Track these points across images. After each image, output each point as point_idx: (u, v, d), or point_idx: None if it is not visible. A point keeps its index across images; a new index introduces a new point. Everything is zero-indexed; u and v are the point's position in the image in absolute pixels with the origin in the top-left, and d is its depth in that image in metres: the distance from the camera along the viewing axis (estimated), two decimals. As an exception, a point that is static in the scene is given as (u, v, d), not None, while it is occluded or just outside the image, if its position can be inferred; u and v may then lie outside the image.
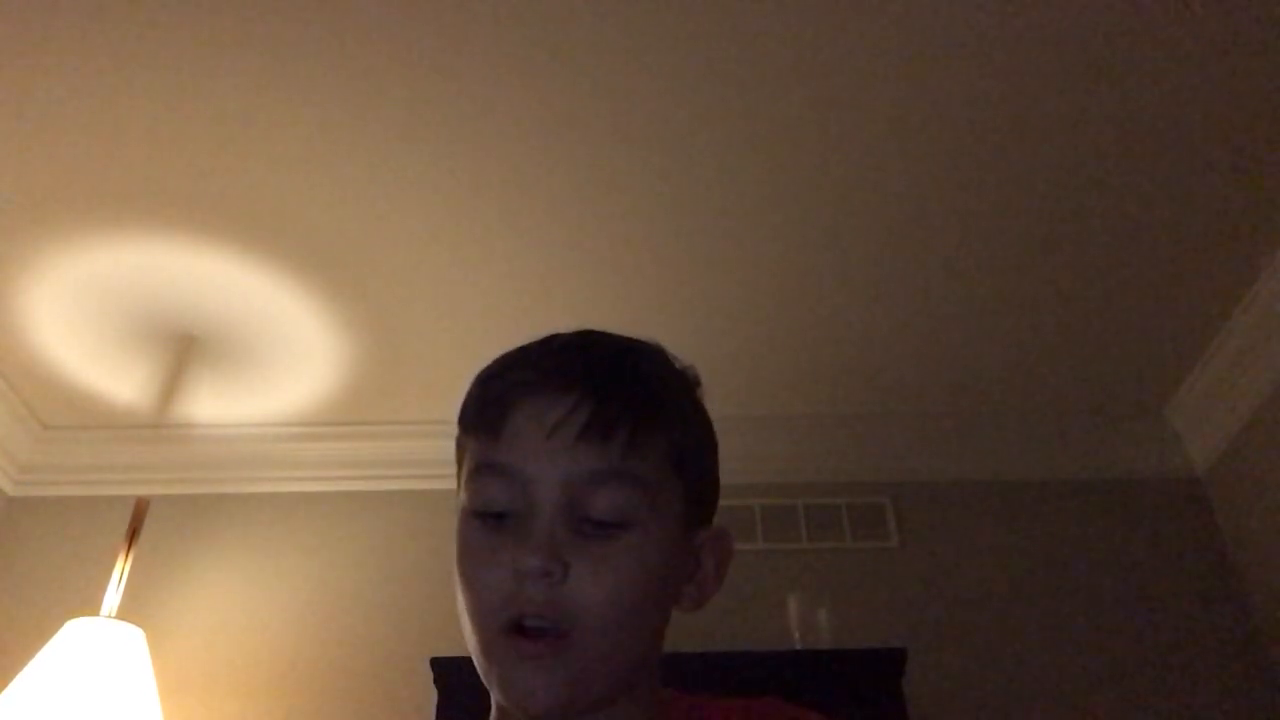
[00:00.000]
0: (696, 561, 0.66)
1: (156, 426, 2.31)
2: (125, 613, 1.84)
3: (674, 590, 0.64)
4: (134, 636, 1.80)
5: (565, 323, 0.72)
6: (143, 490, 2.04)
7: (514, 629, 0.58)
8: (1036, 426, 2.36)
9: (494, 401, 0.63)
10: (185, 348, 2.11)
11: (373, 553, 2.24)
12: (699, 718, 0.60)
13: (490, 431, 0.62)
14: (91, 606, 1.93)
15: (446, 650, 1.72)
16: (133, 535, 1.85)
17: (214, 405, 2.27)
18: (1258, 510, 2.11)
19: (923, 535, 2.27)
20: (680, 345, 0.71)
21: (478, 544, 0.61)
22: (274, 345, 2.12)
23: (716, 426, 0.70)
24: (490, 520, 0.61)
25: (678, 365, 0.69)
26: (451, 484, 0.67)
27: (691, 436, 0.66)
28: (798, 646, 1.94)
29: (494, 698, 0.62)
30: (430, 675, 1.77)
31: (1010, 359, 2.20)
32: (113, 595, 1.81)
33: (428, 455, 2.27)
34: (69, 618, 1.80)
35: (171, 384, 2.20)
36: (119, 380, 2.20)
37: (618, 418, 0.60)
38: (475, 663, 0.60)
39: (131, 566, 1.85)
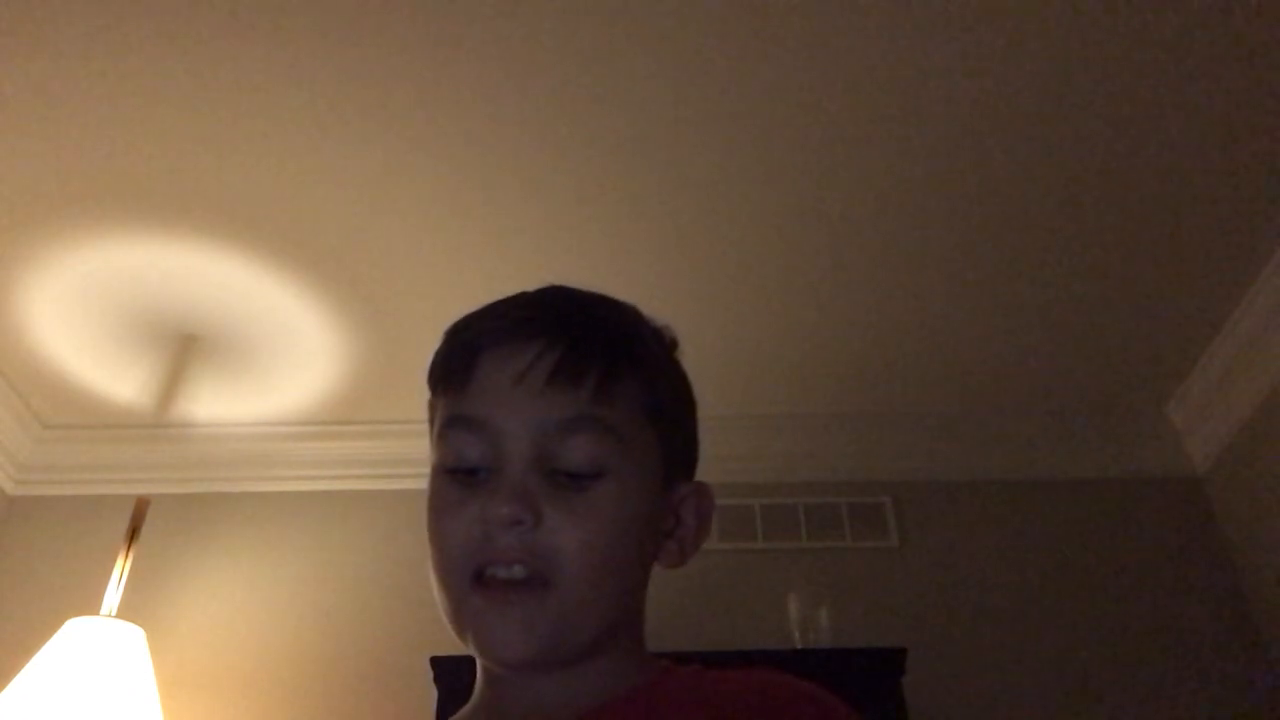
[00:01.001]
0: (676, 517, 0.65)
1: (156, 426, 2.31)
2: (125, 612, 1.84)
3: (653, 545, 0.63)
4: (134, 636, 1.80)
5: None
6: (143, 490, 2.04)
7: (481, 580, 0.56)
8: (1036, 426, 2.36)
9: (460, 352, 0.62)
10: (185, 348, 2.11)
11: (373, 552, 2.24)
12: (709, 691, 0.58)
13: (458, 383, 0.61)
14: (91, 606, 1.92)
15: (446, 650, 1.71)
16: (133, 535, 1.85)
17: (214, 405, 2.27)
18: (1258, 510, 2.11)
19: (923, 535, 2.27)
20: (680, 346, 0.70)
21: (447, 499, 0.59)
22: (274, 345, 2.11)
23: (717, 426, 0.70)
24: (461, 475, 0.59)
25: (653, 324, 0.68)
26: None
27: (666, 388, 0.64)
28: (798, 646, 1.94)
29: (478, 661, 0.61)
30: (430, 675, 1.77)
31: (1010, 359, 2.20)
32: (113, 595, 1.81)
33: (427, 454, 2.26)
34: (69, 617, 1.80)
35: (171, 384, 2.20)
36: (119, 380, 2.20)
37: (587, 362, 0.59)
38: (447, 621, 0.59)
39: (131, 566, 1.85)
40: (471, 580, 0.56)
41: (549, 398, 0.58)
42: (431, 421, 0.65)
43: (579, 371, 0.58)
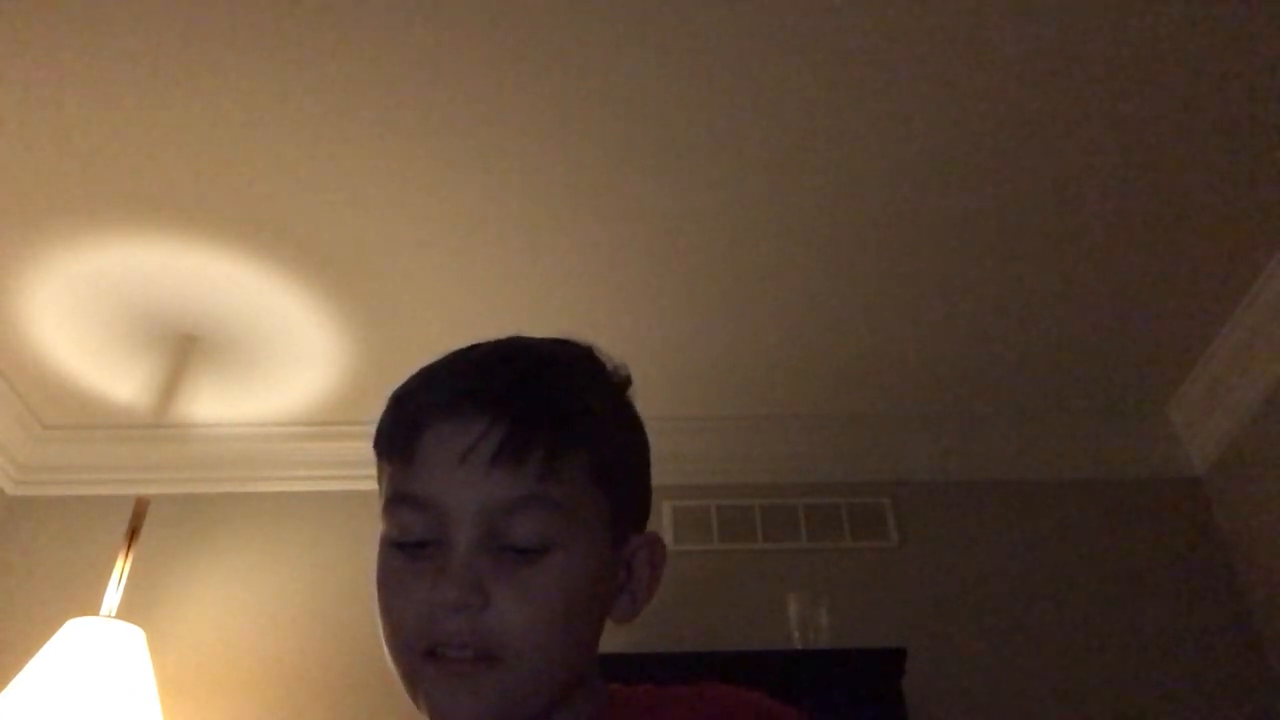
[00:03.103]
0: (628, 571, 0.64)
1: (156, 426, 2.31)
2: (125, 612, 1.84)
3: (605, 603, 0.63)
4: (134, 636, 1.80)
5: (564, 324, 0.72)
6: (143, 490, 2.04)
7: (433, 654, 0.57)
8: (1036, 426, 2.36)
9: (404, 425, 0.61)
10: (185, 348, 2.11)
11: (373, 553, 2.23)
12: (657, 712, 0.60)
13: (403, 458, 0.60)
14: (91, 606, 1.92)
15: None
16: (133, 535, 1.85)
17: (214, 405, 2.27)
18: (1258, 510, 2.11)
19: (923, 535, 2.27)
20: (680, 347, 0.71)
21: (396, 573, 0.59)
22: (274, 345, 2.11)
23: (718, 427, 0.70)
24: (409, 548, 0.59)
25: (606, 366, 0.67)
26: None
27: (613, 447, 0.63)
28: (798, 646, 1.94)
29: None
30: (430, 675, 1.77)
31: (1010, 359, 2.20)
32: (113, 595, 1.81)
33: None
34: (69, 618, 1.80)
35: (171, 384, 2.20)
36: (119, 380, 2.20)
37: (531, 441, 0.58)
38: (403, 687, 0.60)
39: (131, 566, 1.85)
40: (423, 655, 0.57)
41: (494, 478, 0.57)
42: (380, 484, 0.65)
43: (523, 451, 0.57)
